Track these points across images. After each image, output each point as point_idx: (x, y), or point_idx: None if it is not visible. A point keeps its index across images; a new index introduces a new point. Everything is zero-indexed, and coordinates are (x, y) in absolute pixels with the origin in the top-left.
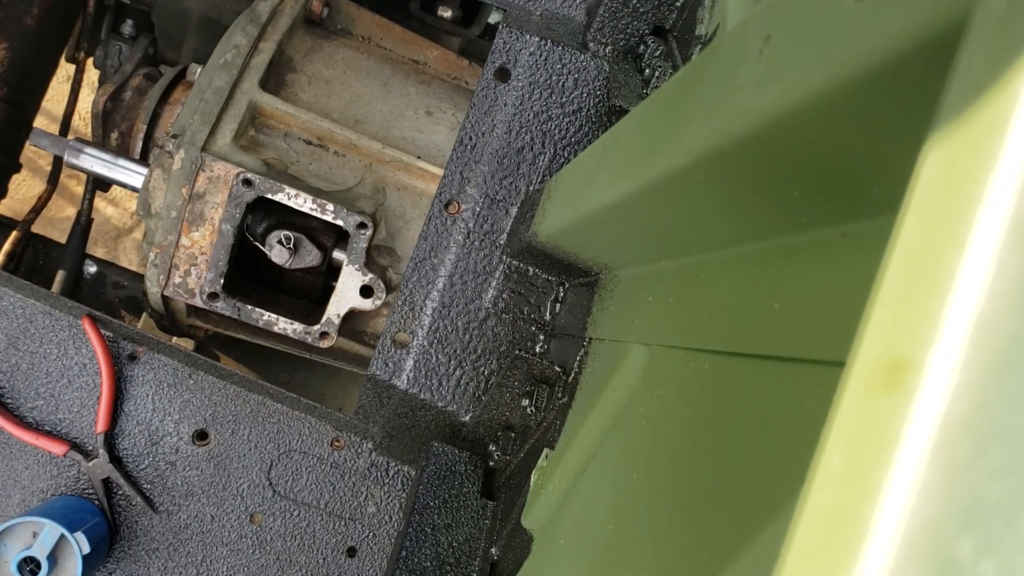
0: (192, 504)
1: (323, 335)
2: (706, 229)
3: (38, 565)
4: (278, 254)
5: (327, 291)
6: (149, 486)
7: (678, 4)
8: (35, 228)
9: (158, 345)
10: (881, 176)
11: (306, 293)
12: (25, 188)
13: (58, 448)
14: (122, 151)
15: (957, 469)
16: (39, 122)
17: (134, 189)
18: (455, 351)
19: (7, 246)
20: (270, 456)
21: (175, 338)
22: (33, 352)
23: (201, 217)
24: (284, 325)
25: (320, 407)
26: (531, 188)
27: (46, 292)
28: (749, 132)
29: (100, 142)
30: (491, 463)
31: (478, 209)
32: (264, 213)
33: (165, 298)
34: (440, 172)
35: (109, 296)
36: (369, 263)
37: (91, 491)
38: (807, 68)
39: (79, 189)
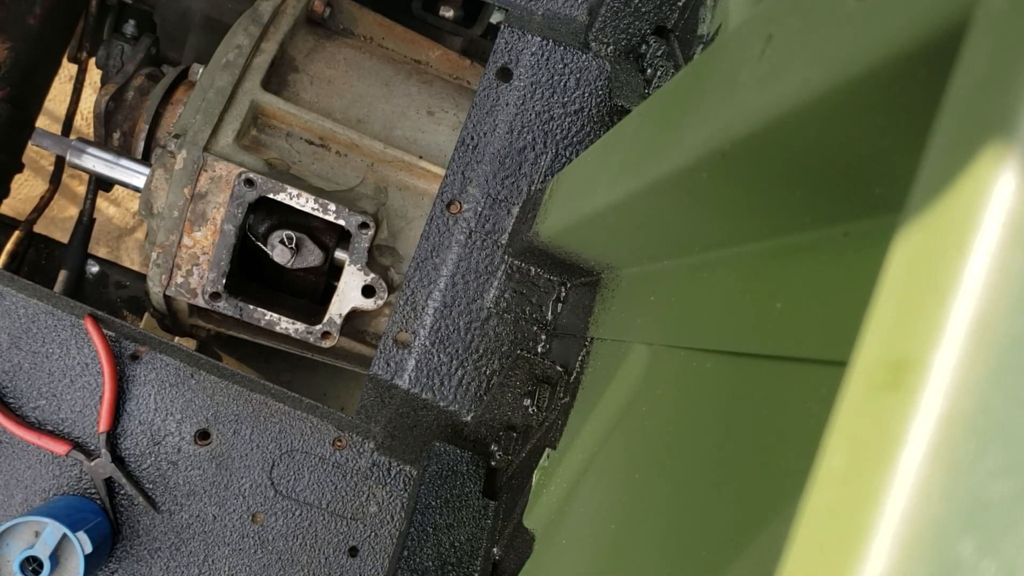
0: (194, 504)
1: (325, 335)
2: (708, 228)
3: (40, 564)
4: (280, 254)
5: (329, 291)
6: (151, 486)
7: (680, 4)
8: (37, 228)
9: (160, 345)
10: (883, 175)
11: (308, 293)
12: (27, 188)
13: (60, 448)
14: (124, 151)
15: (959, 469)
16: (41, 122)
17: (136, 189)
18: (457, 351)
19: (10, 246)
20: (272, 456)
21: (177, 338)
22: (35, 352)
23: (203, 217)
24: (286, 325)
25: (322, 407)
26: (533, 188)
27: (48, 292)
28: (751, 132)
29: (102, 142)
30: (493, 463)
31: (480, 209)
32: (266, 213)
33: (167, 298)
34: (442, 172)
35: (111, 296)
36: (371, 263)
37: (93, 491)
38: (809, 68)
39: (81, 189)
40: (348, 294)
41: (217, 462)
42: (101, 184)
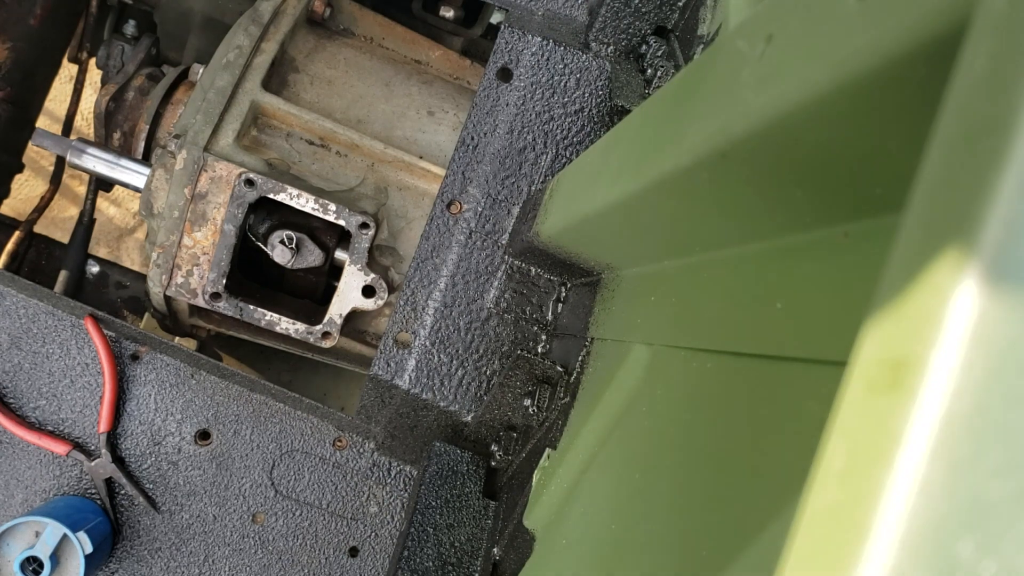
0: (194, 504)
1: (325, 335)
2: (708, 229)
3: (40, 565)
4: (280, 254)
5: (329, 291)
6: (151, 486)
7: (680, 4)
8: (38, 228)
9: (160, 345)
10: (883, 176)
11: (308, 293)
12: (28, 188)
13: (60, 448)
14: (124, 151)
15: (958, 469)
16: (42, 122)
17: (136, 189)
18: (457, 351)
19: (10, 246)
20: (272, 456)
21: (177, 338)
22: (36, 352)
23: (203, 217)
24: (286, 325)
25: (322, 407)
26: (533, 188)
27: (49, 292)
28: (751, 132)
29: (102, 142)
30: (493, 463)
31: (480, 209)
32: (266, 213)
33: (167, 298)
34: (442, 172)
35: (111, 296)
36: (371, 263)
37: (93, 491)
38: (809, 68)
39: (82, 189)
40: (348, 294)
41: (217, 462)
42: (101, 184)
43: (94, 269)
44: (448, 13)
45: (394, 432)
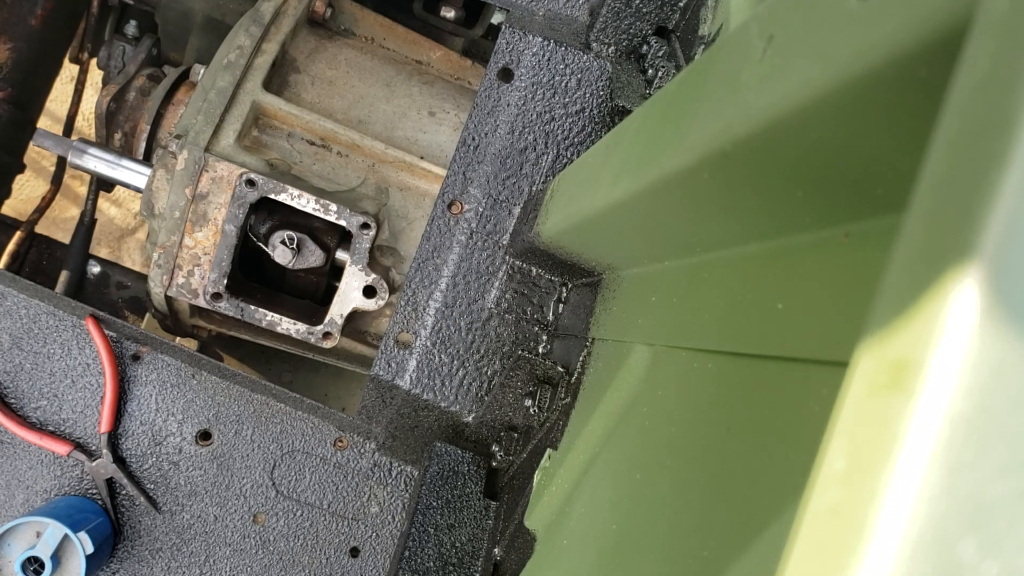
0: (195, 504)
1: (326, 335)
2: (709, 229)
3: (42, 565)
4: (281, 254)
5: (330, 291)
6: (152, 486)
7: (681, 4)
8: (39, 228)
9: (161, 345)
10: (885, 176)
11: (309, 293)
12: (29, 188)
13: (61, 448)
14: (125, 151)
15: (960, 470)
16: (43, 122)
17: (137, 189)
18: (458, 351)
19: (11, 246)
20: (273, 456)
21: (178, 338)
22: (37, 352)
23: (204, 217)
24: (287, 325)
25: (323, 407)
26: (534, 188)
27: (50, 292)
28: (752, 132)
29: (104, 142)
30: (494, 463)
31: (481, 209)
32: (267, 213)
33: (168, 298)
34: (443, 172)
35: (112, 296)
36: (372, 263)
37: (94, 491)
38: (810, 68)
39: (83, 189)
40: (349, 294)
41: (218, 462)
42: (102, 185)
43: (95, 269)
44: (449, 13)
45: (395, 432)
